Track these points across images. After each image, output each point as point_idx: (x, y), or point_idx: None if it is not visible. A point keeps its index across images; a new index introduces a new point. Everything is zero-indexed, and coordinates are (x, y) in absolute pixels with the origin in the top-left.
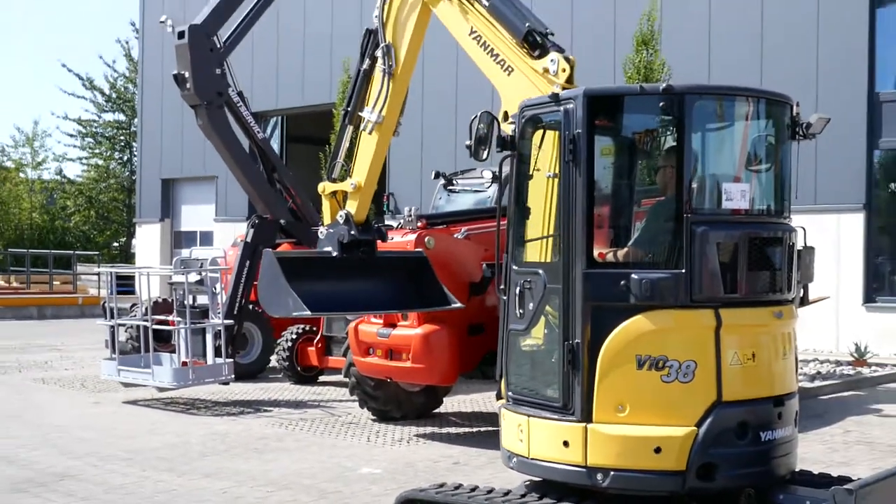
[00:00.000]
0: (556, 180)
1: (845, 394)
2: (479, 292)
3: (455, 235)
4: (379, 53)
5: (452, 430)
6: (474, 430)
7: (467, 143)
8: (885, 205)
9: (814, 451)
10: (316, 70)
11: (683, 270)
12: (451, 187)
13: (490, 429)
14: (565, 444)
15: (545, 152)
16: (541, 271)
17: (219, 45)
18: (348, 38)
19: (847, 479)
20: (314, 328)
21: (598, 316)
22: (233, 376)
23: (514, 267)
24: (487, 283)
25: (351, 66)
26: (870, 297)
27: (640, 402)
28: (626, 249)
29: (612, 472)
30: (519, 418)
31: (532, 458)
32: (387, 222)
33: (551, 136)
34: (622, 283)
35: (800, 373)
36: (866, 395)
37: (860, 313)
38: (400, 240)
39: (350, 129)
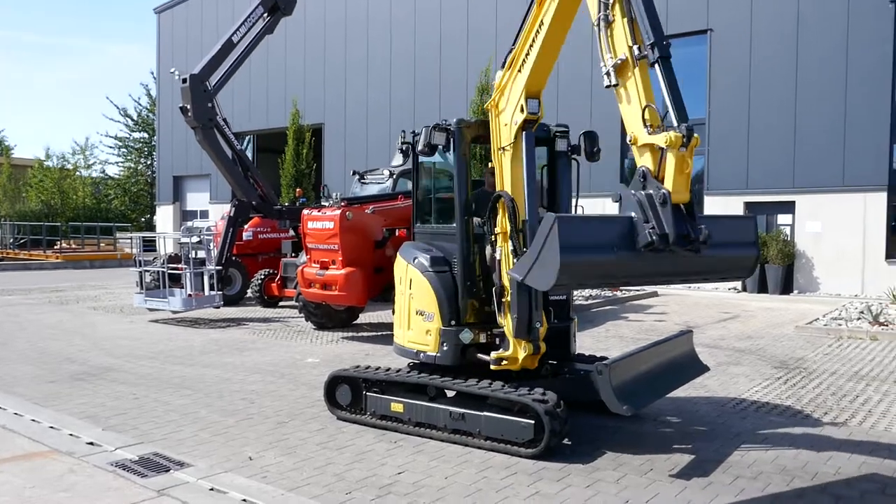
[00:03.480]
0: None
1: (606, 308)
2: (380, 246)
3: (366, 211)
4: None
5: (364, 334)
6: (378, 334)
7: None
8: None
9: (586, 342)
10: (276, 103)
11: None
12: (363, 180)
13: (387, 333)
14: None
15: None
16: None
17: (209, 88)
18: (297, 75)
19: (605, 358)
20: (274, 271)
21: None
22: (222, 303)
23: None
24: (385, 241)
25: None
26: None
27: None
28: None
29: None
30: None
31: None
32: (322, 203)
33: None
34: None
35: (580, 294)
36: (618, 309)
37: None
38: (330, 213)
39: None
